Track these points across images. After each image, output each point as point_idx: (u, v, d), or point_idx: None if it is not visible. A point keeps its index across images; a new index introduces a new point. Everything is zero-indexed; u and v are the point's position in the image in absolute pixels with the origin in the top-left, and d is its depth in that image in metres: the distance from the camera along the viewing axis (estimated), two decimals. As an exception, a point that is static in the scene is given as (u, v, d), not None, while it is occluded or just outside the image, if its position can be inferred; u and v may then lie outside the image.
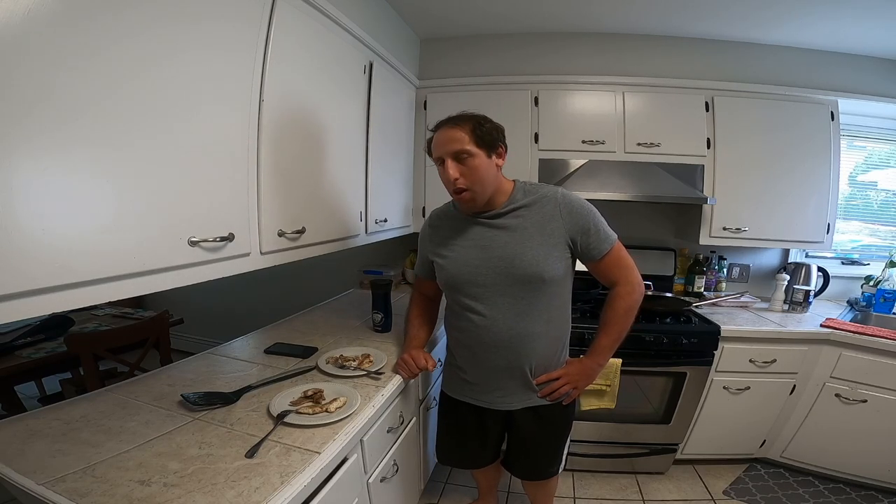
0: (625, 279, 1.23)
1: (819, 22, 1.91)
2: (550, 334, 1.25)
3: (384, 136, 1.89)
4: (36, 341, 1.95)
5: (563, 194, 1.20)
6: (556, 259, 1.18)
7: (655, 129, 2.13)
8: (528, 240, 1.18)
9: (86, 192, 0.73)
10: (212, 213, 0.99)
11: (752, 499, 1.90)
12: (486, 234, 1.22)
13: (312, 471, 0.86)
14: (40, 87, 0.64)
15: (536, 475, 1.45)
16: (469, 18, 2.13)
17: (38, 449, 0.88)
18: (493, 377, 1.28)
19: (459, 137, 1.13)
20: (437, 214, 1.38)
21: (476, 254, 1.22)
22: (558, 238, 1.18)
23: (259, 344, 1.53)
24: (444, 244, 1.29)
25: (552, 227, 1.18)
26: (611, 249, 1.20)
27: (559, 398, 1.29)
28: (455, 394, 1.39)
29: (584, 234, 1.18)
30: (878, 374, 1.79)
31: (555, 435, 1.38)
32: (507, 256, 1.18)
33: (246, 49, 1.06)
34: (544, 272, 1.17)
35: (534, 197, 1.20)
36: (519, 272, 1.17)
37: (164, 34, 0.83)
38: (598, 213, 1.21)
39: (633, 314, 1.24)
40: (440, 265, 1.29)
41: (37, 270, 0.66)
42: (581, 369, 1.30)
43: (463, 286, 1.24)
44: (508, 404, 1.30)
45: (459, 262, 1.24)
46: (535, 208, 1.19)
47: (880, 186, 2.58)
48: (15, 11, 0.60)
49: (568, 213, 1.18)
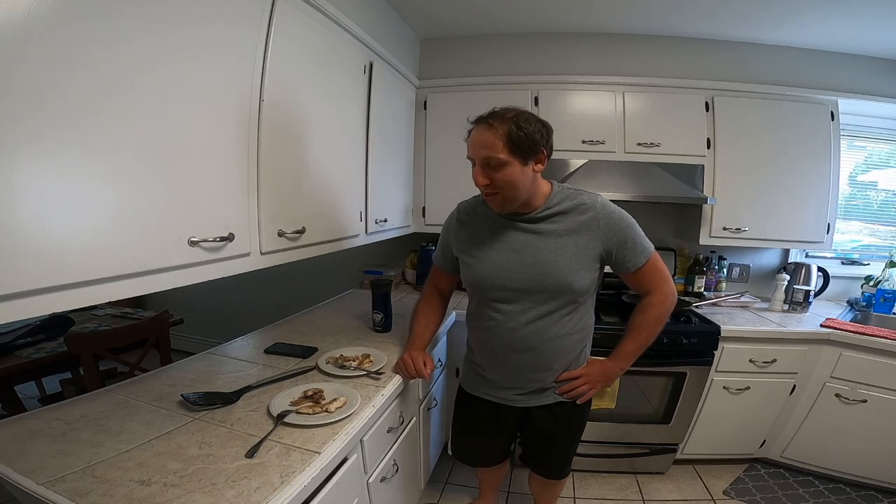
0: (659, 289, 1.21)
1: (819, 22, 1.91)
2: (574, 337, 1.24)
3: (384, 136, 1.89)
4: (36, 341, 1.94)
5: (602, 204, 1.16)
6: (588, 269, 1.15)
7: (655, 129, 2.13)
8: (561, 248, 1.14)
9: (86, 192, 0.73)
10: (212, 213, 0.99)
11: (752, 499, 1.90)
12: (520, 237, 1.18)
13: (312, 471, 0.86)
14: (40, 87, 0.64)
15: (552, 472, 1.45)
16: (469, 19, 2.13)
17: (38, 449, 0.88)
18: (512, 376, 1.28)
19: (491, 143, 1.05)
20: (466, 209, 1.32)
21: (507, 257, 1.18)
22: (593, 249, 1.15)
23: (259, 344, 1.53)
24: (473, 242, 1.25)
25: (588, 238, 1.14)
26: (647, 262, 1.17)
27: (575, 397, 1.29)
28: (472, 389, 1.39)
29: (620, 246, 1.15)
30: (878, 374, 1.79)
31: (568, 433, 1.38)
32: (540, 263, 1.15)
33: (246, 49, 1.06)
34: (574, 283, 1.14)
35: (572, 203, 1.16)
36: (550, 280, 1.14)
37: (163, 35, 0.83)
38: (637, 225, 1.17)
39: (663, 322, 1.23)
40: (468, 264, 1.26)
41: (37, 270, 0.66)
42: (602, 370, 1.29)
43: (490, 288, 1.22)
44: (525, 402, 1.30)
45: (489, 264, 1.20)
46: (573, 216, 1.16)
47: (880, 186, 2.58)
48: (15, 11, 0.60)
49: (606, 224, 1.14)
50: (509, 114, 1.06)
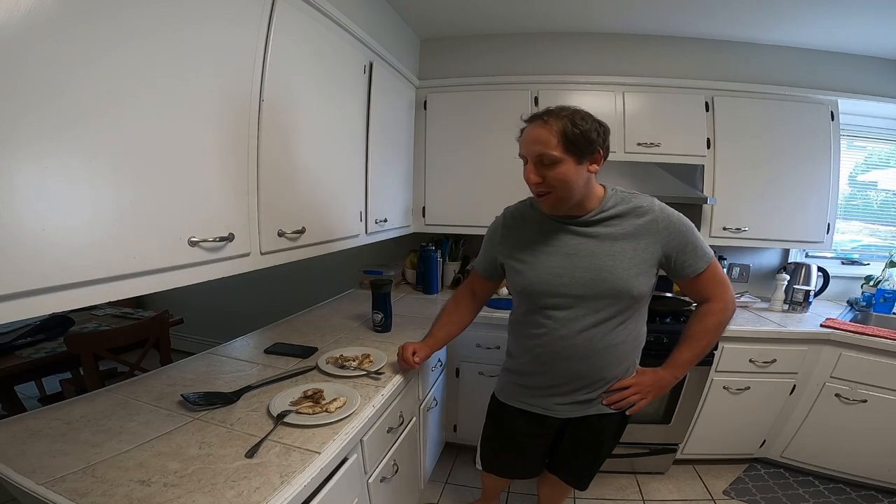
0: (719, 296, 1.15)
1: (819, 21, 1.91)
2: (628, 346, 1.17)
3: (384, 136, 1.89)
4: (36, 341, 1.95)
5: (660, 207, 1.11)
6: (646, 275, 1.10)
7: (655, 129, 2.13)
8: (619, 252, 1.09)
9: (86, 192, 0.73)
10: (212, 213, 0.99)
11: (752, 499, 1.90)
12: (572, 241, 1.13)
13: (312, 471, 0.86)
14: (40, 87, 0.64)
15: (583, 482, 1.40)
16: (469, 19, 2.13)
17: (38, 449, 0.88)
18: (559, 386, 1.21)
19: (545, 139, 1.01)
20: (513, 214, 1.27)
21: (560, 262, 1.12)
22: (651, 253, 1.10)
23: (259, 344, 1.53)
24: (521, 247, 1.19)
25: (646, 242, 1.09)
26: (707, 267, 1.12)
27: (623, 407, 1.21)
28: (509, 400, 1.32)
29: (680, 251, 1.10)
30: (878, 374, 1.79)
31: (610, 441, 1.32)
32: (595, 268, 1.09)
33: (246, 49, 1.06)
34: (633, 288, 1.09)
35: (628, 206, 1.11)
36: (607, 286, 1.09)
37: (164, 35, 0.83)
38: (695, 229, 1.12)
39: (721, 331, 1.17)
40: (516, 269, 1.19)
41: (37, 270, 0.66)
42: (655, 380, 1.21)
43: (542, 295, 1.15)
44: (568, 412, 1.23)
45: (541, 270, 1.14)
46: (630, 219, 1.10)
47: (880, 186, 2.58)
48: (15, 11, 0.60)
49: (665, 227, 1.09)
50: (565, 111, 1.03)
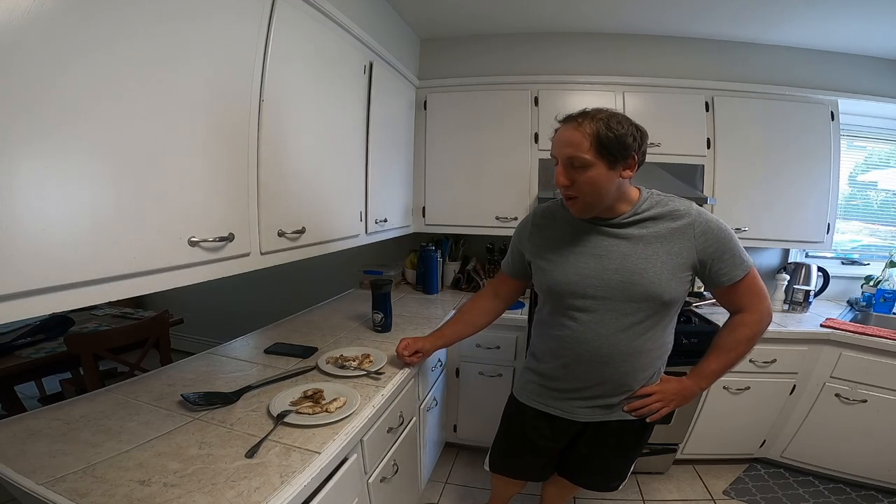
0: (755, 307, 1.11)
1: (818, 21, 1.91)
2: (655, 353, 1.14)
3: (384, 136, 1.89)
4: (36, 341, 1.95)
5: (698, 211, 1.07)
6: (679, 280, 1.06)
7: (655, 129, 2.08)
8: (651, 255, 1.05)
9: (86, 192, 0.73)
10: (212, 213, 0.99)
11: (752, 499, 1.90)
12: (603, 242, 1.09)
13: (312, 471, 0.86)
14: (40, 86, 0.64)
15: (602, 486, 1.37)
16: (469, 19, 2.13)
17: (38, 449, 0.88)
18: (581, 390, 1.18)
19: (577, 142, 0.98)
20: (543, 212, 1.24)
21: (589, 262, 1.09)
22: (686, 258, 1.05)
23: (259, 344, 1.53)
24: (550, 246, 1.17)
25: (681, 246, 1.05)
26: (745, 277, 1.07)
27: (645, 414, 1.18)
28: (528, 400, 1.28)
29: (716, 258, 1.05)
30: (878, 374, 1.79)
31: (632, 451, 1.29)
32: (626, 270, 1.05)
33: (246, 49, 1.06)
34: (664, 293, 1.05)
35: (663, 209, 1.07)
36: (638, 289, 1.05)
37: (163, 33, 0.83)
38: (735, 236, 1.07)
39: (754, 344, 1.13)
40: (543, 269, 1.17)
41: (37, 270, 0.66)
42: (680, 389, 1.17)
43: (568, 296, 1.12)
44: (588, 416, 1.20)
45: (569, 270, 1.11)
46: (665, 222, 1.06)
47: (880, 186, 2.58)
48: (15, 11, 0.60)
49: (702, 233, 1.05)
50: (600, 114, 1.00)
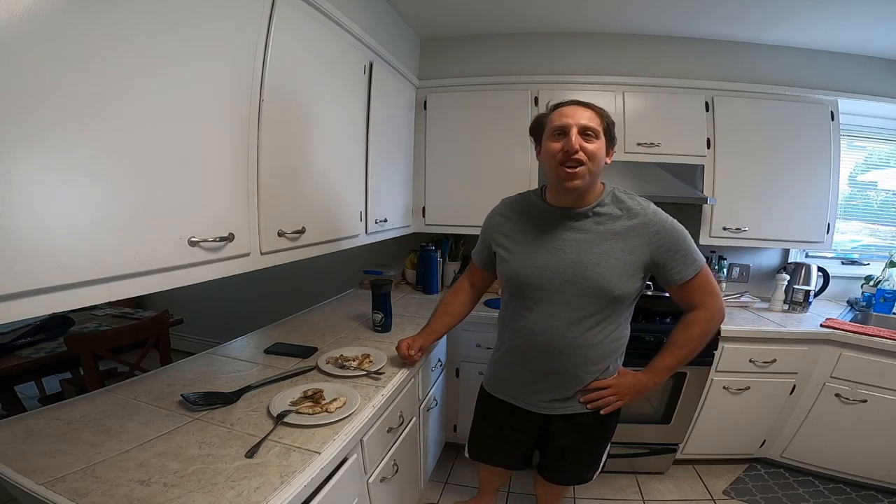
0: (706, 305, 1.15)
1: (818, 21, 1.91)
2: (606, 348, 1.18)
3: (384, 136, 1.89)
4: (36, 341, 1.95)
5: (654, 211, 1.13)
6: (630, 277, 1.11)
7: (655, 129, 2.13)
8: (606, 251, 1.11)
9: (85, 192, 0.73)
10: (212, 213, 0.99)
11: (752, 499, 1.90)
12: (562, 235, 1.15)
13: (312, 471, 0.86)
14: (40, 86, 0.64)
15: (570, 481, 1.41)
16: (469, 19, 2.12)
17: (38, 449, 0.88)
18: (537, 381, 1.23)
19: (591, 116, 1.10)
20: (510, 205, 1.29)
21: (547, 255, 1.15)
22: (639, 256, 1.11)
23: (259, 344, 1.53)
24: (513, 238, 1.23)
25: (635, 244, 1.11)
26: (696, 275, 1.12)
27: (599, 407, 1.22)
28: (494, 391, 1.35)
29: (669, 257, 1.11)
30: (878, 374, 1.79)
31: (595, 444, 1.32)
32: (580, 264, 1.11)
33: (246, 49, 1.06)
34: (615, 288, 1.10)
35: (622, 206, 1.14)
36: (590, 284, 1.10)
37: (163, 32, 0.83)
38: (689, 236, 1.13)
39: (706, 341, 1.17)
40: (504, 259, 1.23)
41: (37, 270, 0.66)
42: (634, 383, 1.22)
43: (525, 287, 1.18)
44: (548, 409, 1.25)
45: (526, 262, 1.17)
46: (621, 220, 1.12)
47: (880, 186, 2.58)
48: (14, 11, 0.60)
49: (656, 232, 1.10)
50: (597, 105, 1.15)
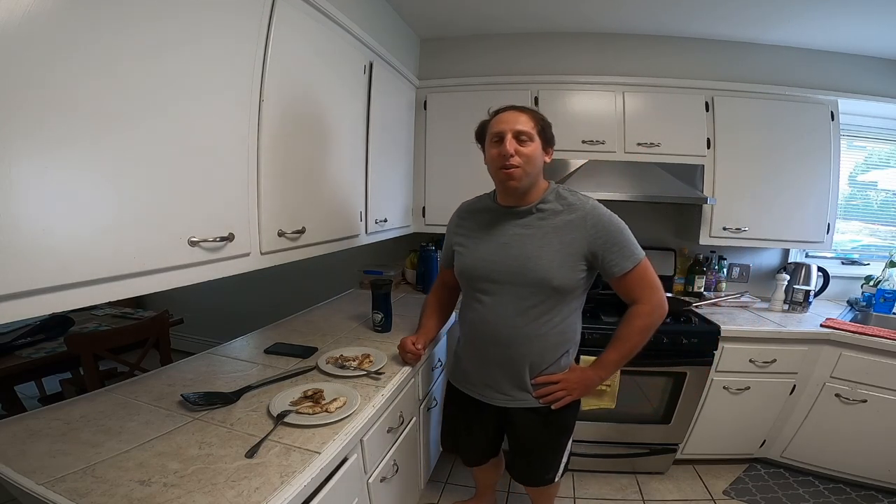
0: (646, 299, 1.20)
1: (818, 21, 1.91)
2: (552, 339, 1.24)
3: (384, 136, 1.89)
4: (36, 341, 1.94)
5: (592, 206, 1.19)
6: (569, 269, 1.17)
7: (655, 129, 2.13)
8: (546, 244, 1.18)
9: (86, 192, 0.73)
10: (212, 213, 0.99)
11: (752, 499, 1.90)
12: (509, 231, 1.23)
13: (312, 471, 0.86)
14: (40, 86, 0.64)
15: (533, 480, 1.43)
16: (469, 18, 2.13)
17: (38, 449, 0.88)
18: (489, 372, 1.30)
19: (525, 121, 1.17)
20: (467, 207, 1.40)
21: (495, 250, 1.23)
22: (577, 248, 1.17)
23: (259, 344, 1.53)
24: (467, 235, 1.32)
25: (573, 237, 1.17)
26: (633, 268, 1.17)
27: (551, 402, 1.27)
28: (457, 383, 1.43)
29: (606, 249, 1.16)
30: (878, 374, 1.79)
31: (551, 439, 1.36)
32: (523, 257, 1.19)
33: (246, 49, 1.06)
34: (553, 279, 1.16)
35: (563, 202, 1.21)
36: (531, 275, 1.17)
37: (163, 32, 0.83)
38: (627, 230, 1.19)
39: (648, 334, 1.21)
40: (459, 253, 1.33)
41: (37, 270, 0.66)
42: (581, 378, 1.28)
43: (475, 279, 1.27)
44: (502, 401, 1.31)
45: (476, 256, 1.27)
46: (562, 215, 1.19)
47: (880, 186, 2.58)
48: (15, 10, 0.60)
49: (593, 226, 1.16)
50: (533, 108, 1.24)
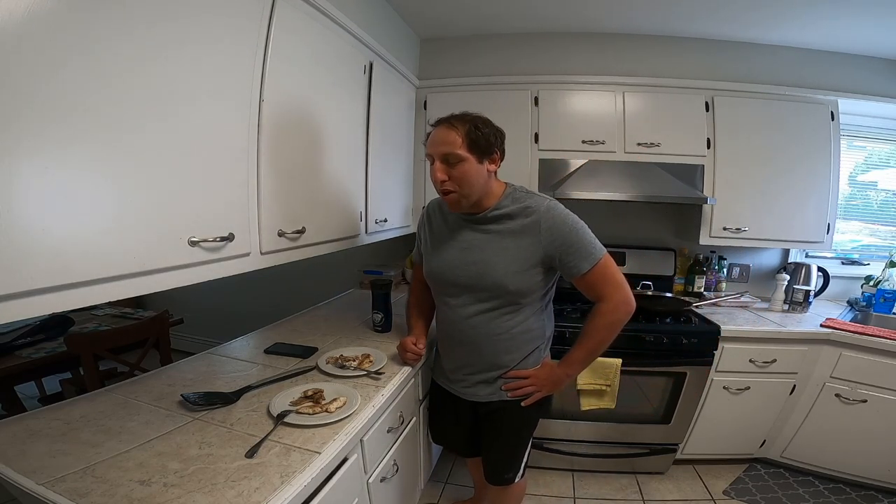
0: (608, 297, 1.18)
1: (818, 21, 1.91)
2: (518, 338, 1.25)
3: (384, 136, 1.89)
4: (36, 341, 1.94)
5: (547, 208, 1.17)
6: (525, 273, 1.17)
7: (655, 129, 2.13)
8: (502, 250, 1.18)
9: (86, 192, 0.73)
10: (212, 213, 0.99)
11: (752, 499, 1.90)
12: (469, 236, 1.24)
13: (312, 471, 0.86)
14: (40, 86, 0.64)
15: (494, 477, 1.41)
16: (469, 18, 2.13)
17: (38, 449, 0.88)
18: (456, 369, 1.35)
19: (452, 140, 1.12)
20: (434, 207, 1.40)
21: (457, 255, 1.25)
22: (532, 253, 1.16)
23: (259, 344, 1.53)
24: (432, 238, 1.34)
25: (528, 242, 1.16)
26: (592, 268, 1.15)
27: (520, 396, 1.30)
28: (437, 378, 1.48)
29: (563, 252, 1.15)
30: (878, 374, 1.79)
31: (513, 434, 1.36)
32: (482, 262, 1.20)
33: (246, 49, 1.06)
34: (510, 283, 1.17)
35: (520, 206, 1.19)
36: (488, 280, 1.19)
37: (163, 33, 0.83)
38: (584, 229, 1.16)
39: (613, 332, 1.20)
40: (425, 257, 1.36)
41: (37, 270, 0.66)
42: (549, 375, 1.29)
43: (440, 283, 1.30)
44: (473, 396, 1.34)
45: (440, 260, 1.29)
46: (518, 219, 1.19)
47: (880, 186, 2.58)
48: (15, 10, 0.60)
49: (548, 228, 1.15)
50: (468, 117, 1.16)
